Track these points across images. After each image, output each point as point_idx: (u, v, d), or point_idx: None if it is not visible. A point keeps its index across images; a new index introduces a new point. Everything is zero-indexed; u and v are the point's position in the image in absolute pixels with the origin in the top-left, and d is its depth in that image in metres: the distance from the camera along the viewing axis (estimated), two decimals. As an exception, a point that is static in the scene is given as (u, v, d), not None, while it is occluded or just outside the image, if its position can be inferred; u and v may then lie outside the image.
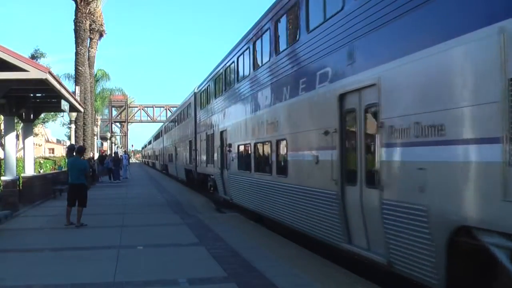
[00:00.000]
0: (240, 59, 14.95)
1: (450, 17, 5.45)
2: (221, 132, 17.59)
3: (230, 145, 15.90)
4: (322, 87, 8.59)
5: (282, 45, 11.04)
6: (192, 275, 7.43)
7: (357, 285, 6.88)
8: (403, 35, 6.29)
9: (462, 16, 5.28)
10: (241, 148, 14.76)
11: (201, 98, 23.38)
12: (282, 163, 10.88)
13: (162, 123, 62.89)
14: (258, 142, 12.95)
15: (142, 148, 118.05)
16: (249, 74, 13.70)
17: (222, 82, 17.80)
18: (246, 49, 14.12)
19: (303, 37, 9.55)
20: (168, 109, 78.46)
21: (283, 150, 10.89)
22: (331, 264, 8.18)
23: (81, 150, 14.00)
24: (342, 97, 7.78)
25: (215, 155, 18.70)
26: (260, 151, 13.01)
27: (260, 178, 12.58)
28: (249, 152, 13.65)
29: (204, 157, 21.80)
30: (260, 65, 12.77)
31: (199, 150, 23.48)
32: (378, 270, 7.41)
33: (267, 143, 12.08)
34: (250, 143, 13.57)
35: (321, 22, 8.67)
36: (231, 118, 16.12)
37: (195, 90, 25.56)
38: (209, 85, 20.97)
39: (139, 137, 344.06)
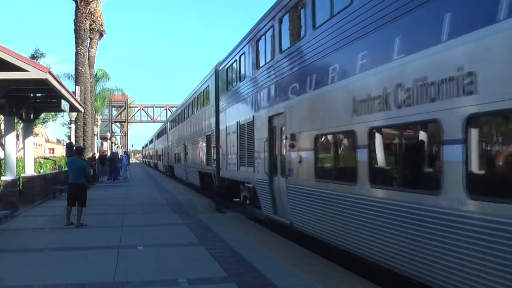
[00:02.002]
0: None
1: None
2: (271, 118, 11.66)
3: (293, 137, 10.04)
4: None
5: None
6: (192, 275, 7.42)
7: (357, 285, 6.88)
8: None
9: None
10: (326, 140, 8.85)
11: (228, 76, 16.91)
12: (494, 171, 5.11)
13: (163, 123, 62.41)
14: (385, 127, 6.88)
15: (143, 147, 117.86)
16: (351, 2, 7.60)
17: (276, 39, 11.23)
18: None
19: None
20: (168, 109, 78.48)
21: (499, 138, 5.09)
22: (331, 264, 8.16)
23: (80, 150, 14.01)
24: None
25: (257, 153, 12.72)
26: (393, 145, 7.06)
27: (389, 199, 6.54)
28: (353, 146, 7.49)
29: (232, 157, 15.83)
30: None
31: (223, 148, 17.43)
32: (378, 270, 7.41)
33: (419, 127, 6.18)
34: (355, 130, 7.35)
35: None
36: (296, 90, 9.85)
37: (218, 68, 19.14)
38: (243, 52, 14.45)
39: (139, 137, 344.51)
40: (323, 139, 9.00)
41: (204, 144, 21.98)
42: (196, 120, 25.37)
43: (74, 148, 14.16)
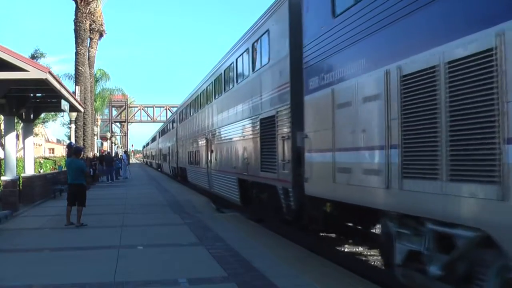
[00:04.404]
0: None
1: None
2: None
3: None
4: None
5: None
6: (192, 275, 7.42)
7: (357, 285, 6.87)
8: None
9: None
10: None
11: None
12: None
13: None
14: None
15: (143, 147, 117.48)
16: None
17: None
18: None
19: None
20: (168, 109, 78.47)
21: None
22: (331, 264, 8.17)
23: (78, 151, 14.03)
24: None
25: None
26: None
27: None
28: None
29: (360, 158, 7.05)
30: None
31: (316, 138, 8.70)
32: (378, 270, 7.42)
33: None
34: None
35: None
36: None
37: None
38: None
39: (139, 137, 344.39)
40: None
41: (255, 135, 12.96)
42: (234, 98, 15.73)
43: (73, 148, 14.18)
